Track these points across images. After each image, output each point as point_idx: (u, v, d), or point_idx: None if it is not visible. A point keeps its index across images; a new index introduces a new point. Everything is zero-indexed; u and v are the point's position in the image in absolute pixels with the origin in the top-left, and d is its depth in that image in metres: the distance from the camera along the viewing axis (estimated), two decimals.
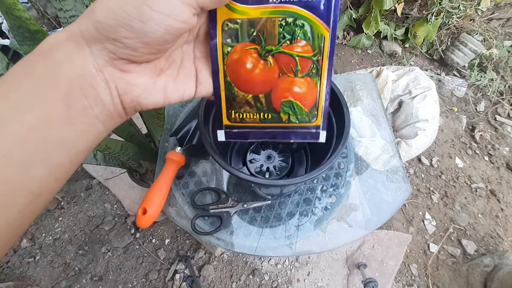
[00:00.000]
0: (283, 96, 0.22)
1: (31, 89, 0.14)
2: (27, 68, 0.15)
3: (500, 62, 1.62)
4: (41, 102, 0.14)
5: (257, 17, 0.19)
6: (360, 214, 0.54)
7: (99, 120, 0.17)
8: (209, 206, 0.51)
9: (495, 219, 1.23)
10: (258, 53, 0.20)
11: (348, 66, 1.66)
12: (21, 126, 0.14)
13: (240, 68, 0.20)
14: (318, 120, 0.23)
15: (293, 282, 1.01)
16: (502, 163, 1.40)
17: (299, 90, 0.21)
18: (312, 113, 0.22)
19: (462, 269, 1.10)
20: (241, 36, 0.19)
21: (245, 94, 0.21)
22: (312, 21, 0.19)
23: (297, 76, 0.21)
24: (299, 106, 0.22)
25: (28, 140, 0.14)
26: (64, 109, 0.15)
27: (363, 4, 1.54)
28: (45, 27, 1.37)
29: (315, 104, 0.22)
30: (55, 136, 0.15)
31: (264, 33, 0.19)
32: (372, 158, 0.60)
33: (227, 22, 0.19)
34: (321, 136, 0.24)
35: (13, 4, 0.37)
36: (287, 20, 0.19)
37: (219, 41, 0.19)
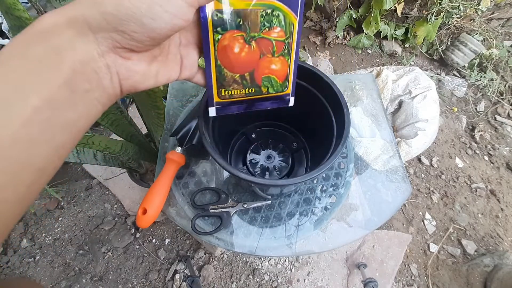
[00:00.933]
0: (263, 72, 0.27)
1: (32, 71, 0.14)
2: (25, 49, 0.15)
3: (500, 62, 1.62)
4: (44, 86, 0.15)
5: (243, 8, 0.22)
6: (360, 214, 0.54)
7: (99, 102, 0.18)
8: (209, 206, 0.51)
9: (495, 219, 1.23)
10: (243, 39, 0.24)
11: (348, 66, 1.66)
12: (25, 108, 0.14)
13: (229, 52, 0.24)
14: (289, 89, 0.29)
15: (293, 282, 1.01)
16: (502, 163, 1.40)
17: (275, 67, 0.27)
18: (284, 84, 0.28)
19: (462, 269, 1.10)
20: (229, 24, 0.22)
21: (233, 74, 0.25)
22: (285, 12, 0.24)
23: (274, 56, 0.26)
24: (275, 80, 0.28)
25: (33, 122, 0.14)
26: (67, 93, 0.15)
27: (363, 4, 1.54)
28: None
29: (287, 76, 0.28)
30: (58, 118, 0.15)
31: (249, 22, 0.23)
32: (372, 158, 0.60)
33: (216, 12, 0.21)
34: (291, 101, 0.30)
35: (13, 4, 0.37)
36: (266, 11, 0.23)
37: (210, 30, 0.22)
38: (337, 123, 0.39)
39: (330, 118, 0.40)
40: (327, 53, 1.69)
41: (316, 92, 0.41)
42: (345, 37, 1.71)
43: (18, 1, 0.37)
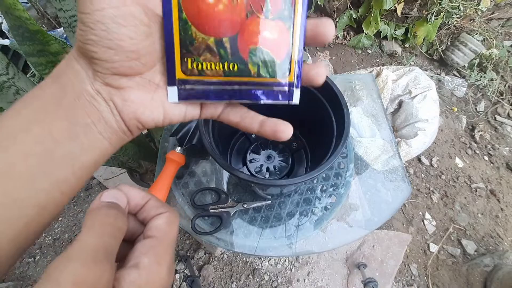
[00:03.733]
0: (251, 41, 0.18)
1: (39, 107, 0.16)
2: (40, 91, 0.16)
3: (500, 62, 1.62)
4: (47, 119, 0.15)
5: None
6: (360, 214, 0.54)
7: (104, 137, 0.18)
8: (209, 206, 0.51)
9: (495, 219, 1.23)
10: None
11: (348, 66, 1.66)
12: (26, 139, 0.15)
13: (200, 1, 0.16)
14: (292, 76, 0.19)
15: (293, 282, 1.01)
16: (502, 163, 1.40)
17: (270, 35, 0.18)
18: (284, 66, 0.19)
19: (462, 269, 1.10)
20: None
21: (206, 36, 0.17)
22: None
23: (267, 17, 0.18)
24: (270, 55, 0.18)
25: (33, 153, 0.15)
26: (68, 125, 0.16)
27: (363, 4, 1.54)
28: (45, 27, 1.37)
29: (288, 54, 0.18)
30: (59, 150, 0.16)
31: None
32: (372, 158, 0.60)
33: None
34: (295, 95, 0.19)
35: (13, 4, 0.37)
36: None
37: None
38: (337, 123, 0.39)
39: (330, 118, 0.40)
40: (327, 53, 1.69)
41: (316, 92, 0.41)
42: (345, 37, 1.71)
43: (18, 1, 0.37)
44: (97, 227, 0.15)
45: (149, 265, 0.15)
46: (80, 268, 0.13)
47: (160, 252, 0.16)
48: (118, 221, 0.16)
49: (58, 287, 0.12)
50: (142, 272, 0.15)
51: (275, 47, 0.18)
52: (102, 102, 0.17)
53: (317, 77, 0.19)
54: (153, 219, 0.18)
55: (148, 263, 0.15)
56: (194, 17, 0.17)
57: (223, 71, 0.18)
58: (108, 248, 0.15)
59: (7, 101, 0.46)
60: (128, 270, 0.15)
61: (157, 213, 0.18)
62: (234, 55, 0.18)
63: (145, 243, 0.17)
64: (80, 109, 0.16)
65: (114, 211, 0.16)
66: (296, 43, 0.18)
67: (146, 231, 0.17)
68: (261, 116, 0.21)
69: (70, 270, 0.13)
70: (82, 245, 0.14)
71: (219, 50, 0.18)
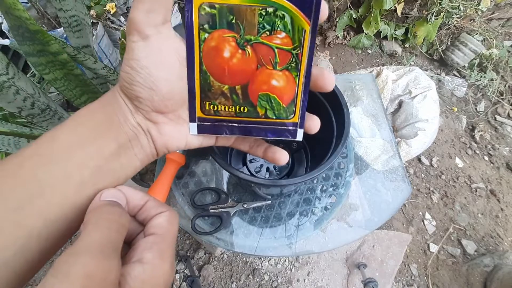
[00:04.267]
0: (260, 88, 0.21)
1: (92, 128, 0.19)
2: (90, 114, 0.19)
3: (500, 62, 1.62)
4: (99, 139, 0.19)
5: (236, 3, 0.18)
6: (360, 214, 0.54)
7: (137, 158, 0.21)
8: (209, 206, 0.51)
9: (495, 219, 1.23)
10: (236, 41, 0.19)
11: (348, 66, 1.66)
12: (82, 154, 0.18)
13: (217, 56, 0.20)
14: (296, 117, 0.22)
15: (293, 282, 1.01)
16: (502, 163, 1.40)
17: (277, 83, 0.21)
18: (290, 109, 0.22)
19: (462, 269, 1.10)
20: (219, 22, 0.19)
21: (221, 84, 0.21)
22: (292, 12, 0.19)
23: (276, 69, 0.20)
24: (276, 100, 0.21)
25: (87, 167, 0.18)
26: (115, 146, 0.19)
27: (363, 4, 1.54)
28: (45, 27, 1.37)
29: (293, 100, 0.21)
30: (106, 166, 0.19)
31: (243, 22, 0.19)
32: (372, 158, 0.60)
33: (204, 6, 0.18)
34: (298, 134, 0.23)
35: (13, 4, 0.37)
36: (267, 10, 0.18)
37: (196, 26, 0.19)
38: (337, 123, 0.39)
39: (330, 118, 0.40)
40: (327, 53, 1.69)
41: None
42: (345, 37, 1.71)
43: (18, 1, 0.37)
44: (103, 223, 0.15)
45: (153, 260, 0.16)
46: (90, 261, 0.13)
47: (162, 248, 0.17)
48: (122, 218, 0.16)
49: (68, 280, 0.12)
50: (146, 266, 0.15)
51: (281, 93, 0.21)
52: (142, 132, 0.20)
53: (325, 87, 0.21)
54: (154, 217, 0.18)
55: (152, 258, 0.16)
56: (212, 69, 0.20)
57: (235, 112, 0.22)
58: (114, 243, 0.15)
59: (7, 101, 0.46)
60: (133, 265, 0.15)
61: (157, 212, 0.19)
62: (244, 99, 0.21)
63: (148, 240, 0.17)
64: (124, 135, 0.20)
65: (117, 208, 0.17)
66: (301, 89, 0.21)
67: (148, 229, 0.18)
68: (266, 144, 0.25)
69: (80, 264, 0.13)
70: (89, 240, 0.14)
71: (232, 95, 0.21)
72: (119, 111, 0.20)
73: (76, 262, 0.13)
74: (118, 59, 1.27)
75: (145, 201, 0.19)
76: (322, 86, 0.21)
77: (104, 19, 1.26)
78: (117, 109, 0.20)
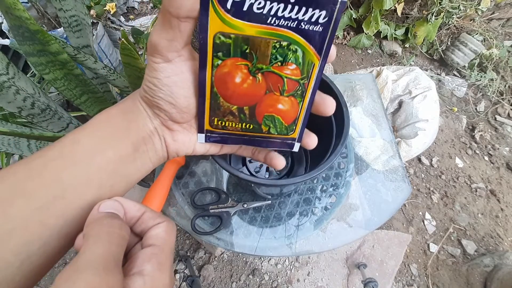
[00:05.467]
0: (266, 111, 0.23)
1: (111, 133, 0.20)
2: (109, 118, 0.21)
3: (500, 62, 1.61)
4: (118, 144, 0.20)
5: (252, 35, 0.19)
6: (360, 214, 0.54)
7: (151, 161, 0.22)
8: (209, 206, 0.51)
9: (495, 219, 1.23)
10: (248, 69, 0.20)
11: (348, 66, 1.66)
12: (101, 158, 0.19)
13: (229, 81, 0.21)
14: (295, 134, 0.25)
15: (293, 282, 1.01)
16: (502, 163, 1.40)
17: (282, 107, 0.23)
18: (291, 128, 0.24)
19: (462, 269, 1.10)
20: (233, 51, 0.19)
21: (230, 105, 0.22)
22: (305, 48, 0.20)
23: (283, 95, 0.22)
24: (280, 121, 0.23)
25: (105, 170, 0.19)
26: (132, 151, 0.20)
27: (363, 4, 1.54)
28: (45, 27, 1.37)
29: (295, 120, 0.24)
30: (122, 169, 0.20)
31: (257, 52, 0.20)
32: (372, 158, 0.60)
33: (220, 35, 0.18)
34: (296, 146, 0.26)
35: (13, 4, 0.37)
36: (281, 43, 0.19)
37: (209, 53, 0.19)
38: (336, 123, 0.38)
39: (329, 118, 0.40)
40: None
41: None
42: (345, 37, 1.71)
43: (18, 1, 0.37)
44: (104, 237, 0.15)
45: (153, 272, 0.16)
46: (92, 277, 0.13)
47: (161, 260, 0.17)
48: (122, 231, 0.16)
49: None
50: (146, 279, 0.15)
51: (285, 115, 0.23)
52: (157, 137, 0.22)
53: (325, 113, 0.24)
54: (152, 228, 0.18)
55: (151, 270, 0.16)
56: (223, 92, 0.21)
57: (241, 128, 0.24)
58: (116, 257, 0.15)
59: (7, 101, 0.46)
60: (133, 278, 0.15)
61: (155, 223, 0.19)
62: (251, 118, 0.23)
63: (147, 251, 0.17)
64: (141, 140, 0.21)
65: (117, 220, 0.17)
66: (304, 112, 0.23)
67: (146, 240, 0.18)
68: (266, 150, 0.27)
69: (83, 280, 0.13)
70: (91, 255, 0.14)
71: (240, 114, 0.23)
72: (139, 117, 0.21)
73: (79, 279, 0.13)
74: (118, 59, 1.27)
75: (142, 212, 0.19)
76: (323, 111, 0.23)
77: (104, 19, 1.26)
78: (137, 115, 0.21)
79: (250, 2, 0.17)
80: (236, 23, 0.18)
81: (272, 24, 0.18)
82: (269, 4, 0.17)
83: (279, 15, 0.18)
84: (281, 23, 0.18)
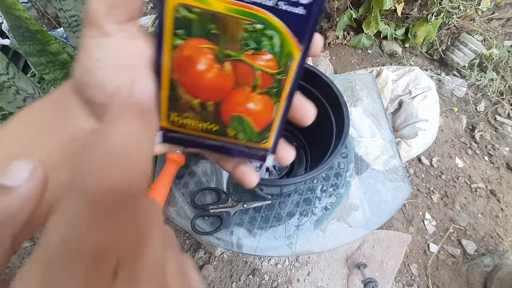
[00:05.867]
0: (234, 110, 0.19)
1: (32, 135, 0.16)
2: (31, 117, 0.17)
3: (500, 62, 1.62)
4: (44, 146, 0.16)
5: (220, 11, 0.16)
6: (360, 214, 0.54)
7: None
8: (209, 206, 0.51)
9: (495, 219, 1.23)
10: (214, 54, 0.17)
11: (348, 66, 1.66)
12: None
13: (190, 67, 0.17)
14: (268, 143, 0.20)
15: (293, 282, 1.01)
16: (502, 163, 1.40)
17: (253, 107, 0.19)
18: (263, 135, 0.20)
19: (462, 269, 1.10)
20: (197, 30, 0.16)
21: (191, 98, 0.18)
22: (283, 34, 0.16)
23: (255, 91, 0.18)
24: (250, 124, 0.19)
25: None
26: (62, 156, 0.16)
27: (363, 4, 1.54)
28: (45, 27, 1.37)
29: (268, 126, 0.19)
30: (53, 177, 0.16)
31: (226, 34, 0.16)
32: (372, 158, 0.60)
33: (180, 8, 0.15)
34: (268, 159, 0.21)
35: (13, 4, 0.37)
36: (255, 26, 0.16)
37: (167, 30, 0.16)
38: (336, 123, 0.39)
39: (329, 118, 0.40)
40: (327, 53, 1.69)
41: (315, 91, 0.41)
42: (345, 37, 1.71)
43: (18, 1, 0.37)
44: None
45: None
46: None
47: None
48: None
49: None
50: None
51: (257, 117, 0.19)
52: None
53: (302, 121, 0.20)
54: None
55: None
56: (183, 80, 0.17)
57: (202, 129, 0.19)
58: None
59: (7, 101, 0.46)
60: None
61: None
62: (215, 118, 0.19)
63: None
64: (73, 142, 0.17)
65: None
66: (279, 117, 0.19)
67: None
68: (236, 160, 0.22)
69: None
70: None
71: (202, 111, 0.19)
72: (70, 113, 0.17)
73: None
74: None
75: None
76: (300, 119, 0.19)
77: None
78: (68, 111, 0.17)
79: None
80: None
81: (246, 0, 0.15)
82: None
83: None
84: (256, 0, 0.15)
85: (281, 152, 0.20)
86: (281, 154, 0.20)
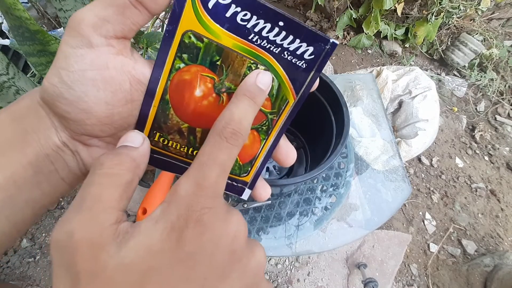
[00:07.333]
0: None
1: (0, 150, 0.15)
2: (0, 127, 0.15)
3: (500, 62, 1.62)
4: (9, 165, 0.15)
5: (228, 46, 0.16)
6: (360, 214, 0.54)
7: (65, 182, 0.17)
8: None
9: (495, 219, 1.23)
10: (213, 84, 0.17)
11: (348, 66, 1.66)
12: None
13: (188, 91, 0.17)
14: (248, 177, 0.20)
15: (293, 282, 1.01)
16: (502, 163, 1.40)
17: None
18: (244, 168, 0.20)
19: (462, 269, 1.10)
20: (202, 58, 0.17)
21: (181, 121, 0.18)
22: (283, 81, 0.17)
23: None
24: None
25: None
26: (32, 173, 0.15)
27: (363, 4, 1.54)
28: (45, 27, 1.37)
29: (252, 160, 0.20)
30: (22, 196, 0.15)
31: (229, 67, 0.17)
32: (372, 158, 0.60)
33: (191, 34, 0.16)
34: (245, 193, 0.21)
35: (13, 4, 0.37)
36: (258, 66, 0.17)
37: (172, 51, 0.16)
38: (336, 123, 0.39)
39: (329, 118, 0.40)
40: None
41: (315, 91, 0.41)
42: (345, 37, 1.71)
43: (18, 1, 0.37)
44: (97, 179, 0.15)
45: None
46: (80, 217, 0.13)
47: None
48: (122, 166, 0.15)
49: None
50: None
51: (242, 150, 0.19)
52: (69, 153, 0.16)
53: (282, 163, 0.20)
54: None
55: None
56: (177, 103, 0.18)
57: (185, 154, 0.19)
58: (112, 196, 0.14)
59: (7, 101, 0.46)
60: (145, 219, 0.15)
61: None
62: (200, 144, 0.19)
63: None
64: (44, 158, 0.15)
65: None
66: (263, 154, 0.20)
67: None
68: None
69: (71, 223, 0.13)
70: None
71: (189, 136, 0.19)
72: (38, 126, 0.15)
73: (69, 220, 0.12)
74: None
75: None
76: (280, 160, 0.20)
77: None
78: (37, 125, 0.15)
79: (235, 10, 0.15)
80: (213, 26, 0.16)
81: (253, 41, 0.16)
82: (255, 19, 0.15)
83: (263, 34, 0.16)
84: (263, 44, 0.16)
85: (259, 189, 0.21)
86: (259, 190, 0.20)
